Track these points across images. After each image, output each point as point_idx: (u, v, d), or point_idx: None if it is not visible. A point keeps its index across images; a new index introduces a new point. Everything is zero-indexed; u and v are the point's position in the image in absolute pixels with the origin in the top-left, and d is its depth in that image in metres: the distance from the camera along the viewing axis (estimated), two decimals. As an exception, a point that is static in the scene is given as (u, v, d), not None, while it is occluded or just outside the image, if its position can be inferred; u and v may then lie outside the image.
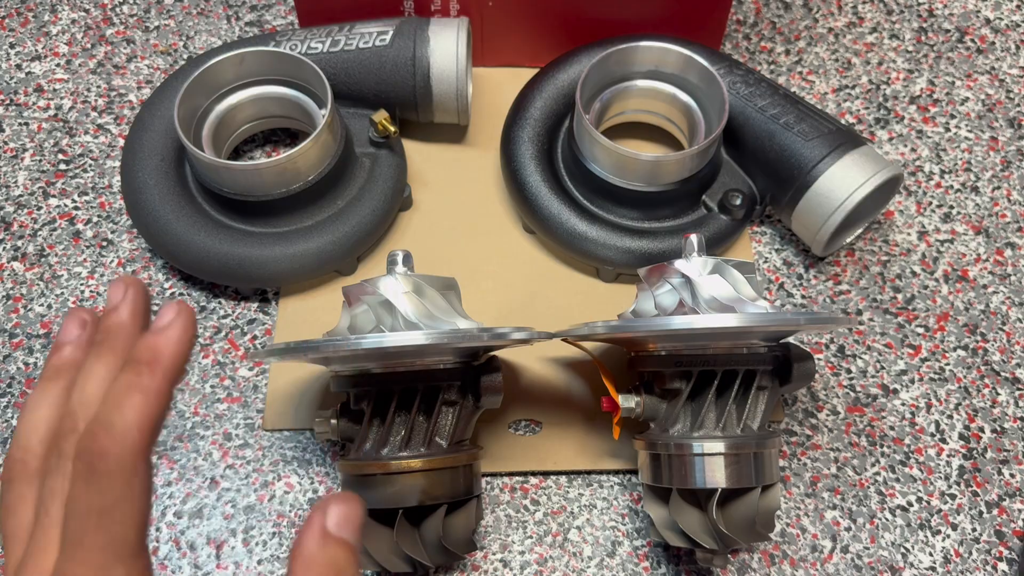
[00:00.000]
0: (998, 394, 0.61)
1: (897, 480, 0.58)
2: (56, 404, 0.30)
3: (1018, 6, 0.80)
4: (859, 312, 0.64)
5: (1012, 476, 0.58)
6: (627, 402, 0.51)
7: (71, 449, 0.28)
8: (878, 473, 0.58)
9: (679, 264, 0.51)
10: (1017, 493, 0.58)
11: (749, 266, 0.51)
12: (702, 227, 0.63)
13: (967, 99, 0.74)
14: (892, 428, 0.60)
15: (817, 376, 0.61)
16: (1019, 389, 0.61)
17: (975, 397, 0.61)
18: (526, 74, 0.69)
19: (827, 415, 0.60)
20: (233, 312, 0.63)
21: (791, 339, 0.55)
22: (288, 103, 0.66)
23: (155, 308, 0.29)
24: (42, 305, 0.64)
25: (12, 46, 0.76)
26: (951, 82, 0.75)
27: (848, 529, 0.56)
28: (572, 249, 0.63)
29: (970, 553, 0.56)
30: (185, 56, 0.76)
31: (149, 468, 0.28)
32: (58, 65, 0.75)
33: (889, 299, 0.65)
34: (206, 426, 0.59)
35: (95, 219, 0.67)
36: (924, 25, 0.79)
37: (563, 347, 0.59)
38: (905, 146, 0.72)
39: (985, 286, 0.65)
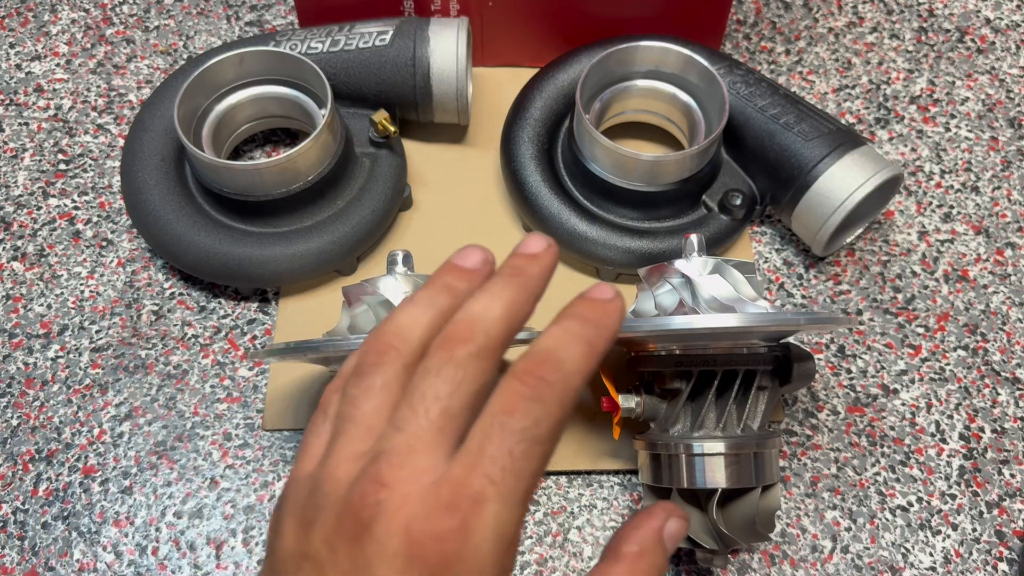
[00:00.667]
0: (998, 394, 0.61)
1: (897, 480, 0.58)
2: (440, 312, 0.30)
3: (1018, 6, 0.80)
4: (859, 312, 0.64)
5: (1012, 476, 0.58)
6: (627, 402, 0.51)
7: (464, 355, 0.28)
8: (878, 473, 0.58)
9: (679, 264, 0.51)
10: (1017, 493, 0.58)
11: (749, 266, 0.51)
12: (702, 227, 0.62)
13: (967, 99, 0.74)
14: (892, 428, 0.60)
15: (817, 376, 0.61)
16: (1019, 389, 0.61)
17: (975, 397, 0.61)
18: (526, 74, 0.69)
19: (827, 415, 0.60)
20: (233, 312, 0.63)
21: (791, 339, 0.55)
22: (288, 103, 0.66)
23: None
24: (42, 305, 0.64)
25: (12, 46, 0.76)
26: (951, 82, 0.75)
27: (848, 529, 0.56)
28: (572, 249, 0.63)
29: (970, 553, 0.56)
30: (185, 56, 0.76)
31: (566, 424, 0.28)
32: (58, 65, 0.75)
33: (889, 299, 0.65)
34: (206, 426, 0.59)
35: (95, 219, 0.67)
36: (924, 25, 0.79)
37: (563, 347, 0.59)
38: (905, 146, 0.72)
39: (985, 286, 0.65)
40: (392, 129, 0.63)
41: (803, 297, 0.65)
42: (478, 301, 0.29)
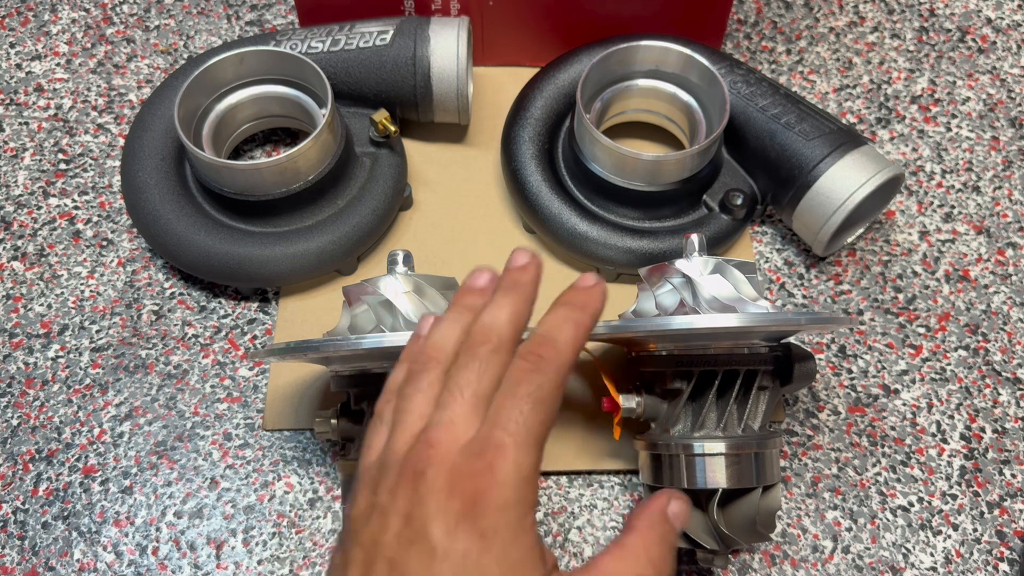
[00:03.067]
0: (999, 394, 0.61)
1: (898, 480, 0.58)
2: (463, 328, 0.38)
3: (1019, 6, 0.80)
4: (860, 312, 0.64)
5: (1013, 476, 0.58)
6: (628, 402, 0.51)
7: (485, 352, 0.36)
8: (879, 473, 0.58)
9: (680, 264, 0.51)
10: (1018, 493, 0.58)
11: (750, 266, 0.51)
12: (703, 227, 0.62)
13: (968, 99, 0.74)
14: (893, 428, 0.60)
15: (818, 376, 0.61)
16: (1020, 389, 0.61)
17: (976, 397, 0.61)
18: (526, 74, 0.69)
19: (828, 415, 0.60)
20: (233, 312, 0.63)
21: (792, 339, 0.55)
22: (288, 103, 0.66)
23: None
24: (42, 305, 0.63)
25: (12, 45, 0.76)
26: (952, 82, 0.75)
27: (849, 529, 0.56)
28: (573, 249, 0.63)
29: (971, 553, 0.56)
30: (185, 55, 0.76)
31: (565, 386, 0.36)
32: (58, 64, 0.75)
33: (890, 299, 0.65)
34: (206, 426, 0.59)
35: (95, 219, 0.67)
36: (925, 25, 0.79)
37: (564, 347, 0.59)
38: (906, 146, 0.72)
39: (986, 286, 0.65)
40: (392, 129, 0.63)
41: (804, 297, 0.65)
42: (489, 312, 0.38)
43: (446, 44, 0.63)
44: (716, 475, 0.48)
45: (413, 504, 0.33)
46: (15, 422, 0.59)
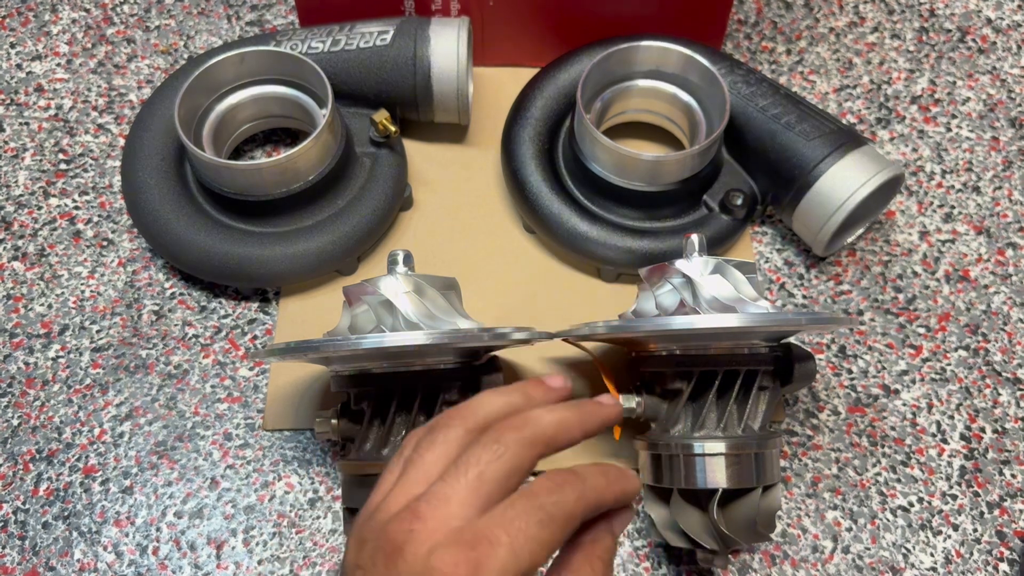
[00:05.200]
0: (999, 394, 0.61)
1: (898, 480, 0.58)
2: (510, 405, 0.37)
3: (1019, 6, 0.80)
4: (860, 312, 0.64)
5: (1013, 476, 0.58)
6: (628, 402, 0.51)
7: (512, 440, 0.34)
8: (879, 473, 0.58)
9: (680, 264, 0.51)
10: (1018, 493, 0.58)
11: (750, 266, 0.51)
12: (703, 227, 0.62)
13: (968, 99, 0.74)
14: (893, 428, 0.60)
15: (818, 376, 0.61)
16: (1020, 389, 0.61)
17: (976, 397, 0.61)
18: (527, 74, 0.69)
19: (828, 415, 0.60)
20: (233, 312, 0.63)
21: (792, 339, 0.55)
22: (288, 103, 0.66)
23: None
24: (42, 305, 0.63)
25: (12, 46, 0.76)
26: (952, 82, 0.75)
27: (849, 529, 0.56)
28: (573, 249, 0.63)
29: (971, 554, 0.56)
30: (185, 56, 0.76)
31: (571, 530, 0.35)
32: (58, 65, 0.75)
33: (890, 299, 0.65)
34: (206, 426, 0.59)
35: (95, 219, 0.67)
36: (925, 25, 0.79)
37: (564, 347, 0.59)
38: (906, 146, 0.72)
39: (986, 286, 0.65)
40: (393, 129, 0.63)
41: (804, 297, 0.65)
42: (540, 408, 0.37)
43: (446, 44, 0.63)
44: (716, 475, 0.48)
45: (390, 574, 0.32)
46: (15, 422, 0.59)
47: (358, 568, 0.33)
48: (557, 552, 0.36)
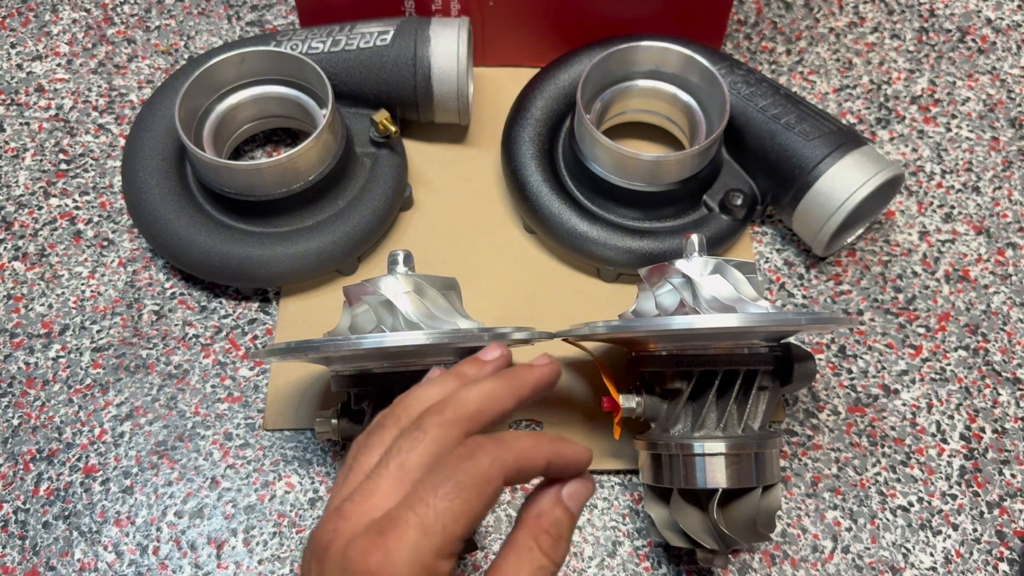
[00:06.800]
0: (999, 394, 0.61)
1: (898, 480, 0.58)
2: (445, 392, 0.37)
3: (1019, 6, 0.80)
4: (860, 312, 0.64)
5: (1013, 476, 0.58)
6: (628, 402, 0.51)
7: (432, 424, 0.35)
8: (879, 473, 0.58)
9: (680, 264, 0.51)
10: (1018, 493, 0.58)
11: (750, 266, 0.51)
12: (703, 227, 0.62)
13: (968, 99, 0.74)
14: (893, 428, 0.60)
15: (818, 376, 0.61)
16: (1020, 389, 0.61)
17: (976, 397, 0.61)
18: (527, 74, 0.69)
19: (828, 415, 0.60)
20: (234, 312, 0.63)
21: (792, 339, 0.55)
22: (289, 103, 0.66)
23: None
24: (43, 305, 0.64)
25: (13, 46, 0.76)
26: (952, 82, 0.75)
27: (849, 529, 0.56)
28: (573, 249, 0.63)
29: (971, 553, 0.56)
30: (186, 56, 0.76)
31: (499, 489, 0.34)
32: (59, 65, 0.75)
33: (890, 299, 0.65)
34: (207, 426, 0.59)
35: (96, 219, 0.67)
36: (925, 25, 0.79)
37: (564, 347, 0.59)
38: (906, 146, 0.72)
39: (986, 286, 0.65)
40: (393, 129, 0.63)
41: (804, 297, 0.65)
42: (466, 387, 0.37)
43: (446, 44, 0.63)
44: (716, 475, 0.48)
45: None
46: (16, 422, 0.59)
47: (303, 565, 0.34)
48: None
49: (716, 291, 0.49)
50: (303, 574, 0.34)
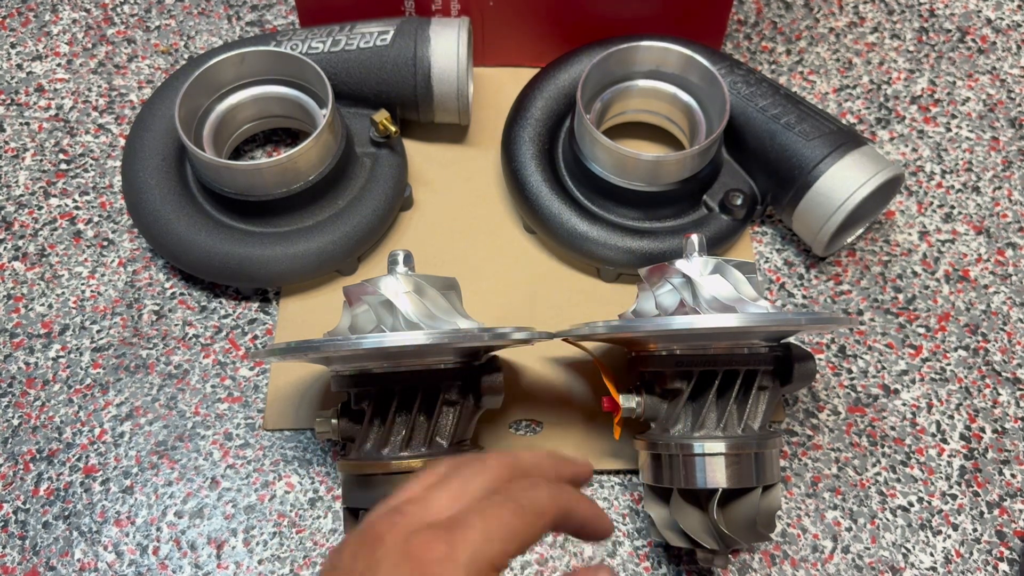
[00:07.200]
0: (999, 394, 0.61)
1: (898, 480, 0.58)
2: (509, 470, 0.37)
3: (1019, 6, 0.80)
4: (860, 312, 0.64)
5: (1013, 476, 0.58)
6: (628, 402, 0.51)
7: (494, 460, 0.36)
8: (879, 473, 0.58)
9: (680, 264, 0.51)
10: (1018, 493, 0.58)
11: (750, 266, 0.51)
12: (703, 227, 0.62)
13: (968, 99, 0.74)
14: (893, 428, 0.60)
15: (818, 376, 0.61)
16: (1020, 389, 0.61)
17: (976, 397, 0.61)
18: (527, 74, 0.69)
19: (828, 415, 0.60)
20: (234, 312, 0.63)
21: (792, 339, 0.55)
22: (289, 103, 0.66)
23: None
24: (43, 305, 0.64)
25: (13, 46, 0.76)
26: (952, 82, 0.75)
27: (849, 529, 0.56)
28: (573, 249, 0.63)
29: (971, 553, 0.56)
30: (186, 56, 0.76)
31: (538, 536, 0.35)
32: (59, 65, 0.75)
33: (890, 299, 0.65)
34: (207, 426, 0.59)
35: (96, 219, 0.67)
36: (925, 25, 0.79)
37: (564, 347, 0.59)
38: (906, 146, 0.72)
39: (986, 286, 0.65)
40: (393, 129, 0.63)
41: (804, 297, 0.65)
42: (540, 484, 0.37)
43: (446, 44, 0.63)
44: (716, 475, 0.48)
45: (368, 567, 0.33)
46: (16, 422, 0.59)
47: (335, 571, 0.35)
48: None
49: (716, 291, 0.49)
50: (335, 565, 0.34)
